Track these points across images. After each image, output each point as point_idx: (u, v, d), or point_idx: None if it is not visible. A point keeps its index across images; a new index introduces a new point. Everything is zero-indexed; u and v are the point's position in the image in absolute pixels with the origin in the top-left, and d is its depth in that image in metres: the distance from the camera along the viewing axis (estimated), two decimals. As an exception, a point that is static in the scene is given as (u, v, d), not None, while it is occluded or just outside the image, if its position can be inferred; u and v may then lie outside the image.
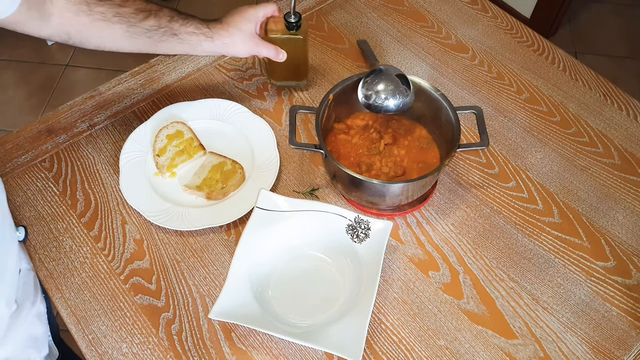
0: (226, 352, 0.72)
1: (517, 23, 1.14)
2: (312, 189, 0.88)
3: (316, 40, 1.09)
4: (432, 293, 0.78)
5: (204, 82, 1.02)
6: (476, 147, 0.81)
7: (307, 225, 0.79)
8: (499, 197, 0.88)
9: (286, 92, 1.01)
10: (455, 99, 1.00)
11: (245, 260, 0.75)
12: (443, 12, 1.16)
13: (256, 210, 0.79)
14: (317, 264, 0.79)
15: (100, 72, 2.28)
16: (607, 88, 1.02)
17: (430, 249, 0.82)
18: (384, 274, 0.79)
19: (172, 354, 0.72)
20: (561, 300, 0.77)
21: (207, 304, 0.76)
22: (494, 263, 0.81)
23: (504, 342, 0.74)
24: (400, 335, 0.74)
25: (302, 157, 0.92)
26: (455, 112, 0.81)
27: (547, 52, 1.08)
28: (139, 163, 0.88)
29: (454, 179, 0.90)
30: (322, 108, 0.82)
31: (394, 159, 0.86)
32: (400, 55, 1.08)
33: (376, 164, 0.85)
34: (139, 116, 0.97)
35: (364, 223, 0.78)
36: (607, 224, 0.85)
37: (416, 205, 0.85)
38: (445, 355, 0.72)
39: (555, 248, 0.82)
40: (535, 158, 0.93)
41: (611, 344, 0.74)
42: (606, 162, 0.92)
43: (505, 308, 0.76)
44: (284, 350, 0.72)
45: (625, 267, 0.81)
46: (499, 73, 1.05)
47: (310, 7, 1.16)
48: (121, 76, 1.03)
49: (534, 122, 0.97)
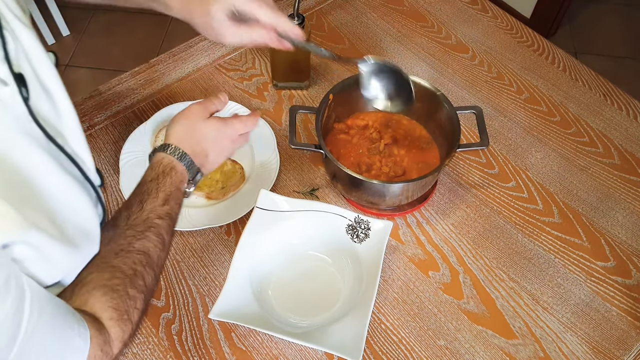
0: (226, 352, 0.72)
1: (517, 23, 1.14)
2: (312, 189, 0.88)
3: (316, 40, 1.09)
4: (432, 293, 0.78)
5: (204, 82, 1.02)
6: (476, 147, 0.81)
7: (307, 225, 0.79)
8: (499, 197, 0.88)
9: (286, 92, 1.01)
10: (455, 99, 1.00)
11: (245, 260, 0.75)
12: (443, 12, 1.16)
13: (256, 210, 0.79)
14: (317, 264, 0.79)
15: (100, 72, 2.28)
16: (607, 88, 1.02)
17: (430, 249, 0.82)
18: (384, 274, 0.79)
19: (172, 354, 0.72)
20: (561, 300, 0.77)
21: (207, 304, 0.76)
22: (494, 263, 0.81)
23: (504, 342, 0.74)
24: (400, 335, 0.74)
25: (302, 157, 0.92)
26: (455, 112, 0.81)
27: (547, 52, 1.08)
28: (139, 163, 0.88)
29: (454, 179, 0.90)
30: (322, 108, 0.82)
31: (394, 159, 0.86)
32: (400, 55, 1.08)
33: (376, 164, 0.85)
34: (139, 116, 0.97)
35: (364, 223, 0.78)
36: (607, 224, 0.85)
37: (416, 205, 0.85)
38: (445, 355, 0.72)
39: (555, 248, 0.82)
40: (535, 158, 0.93)
41: (611, 344, 0.74)
42: (606, 162, 0.92)
43: (505, 308, 0.76)
44: (284, 350, 0.72)
45: (625, 267, 0.81)
46: (499, 73, 1.05)
47: (310, 7, 1.16)
48: (121, 76, 1.03)
49: (534, 122, 0.97)
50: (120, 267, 0.58)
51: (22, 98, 0.48)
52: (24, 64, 0.51)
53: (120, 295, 0.56)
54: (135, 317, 0.57)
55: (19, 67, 0.50)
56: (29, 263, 0.46)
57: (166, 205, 0.65)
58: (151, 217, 0.64)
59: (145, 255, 0.60)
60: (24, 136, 0.48)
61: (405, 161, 0.86)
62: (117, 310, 0.55)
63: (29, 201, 0.47)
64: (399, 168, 0.84)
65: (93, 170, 0.63)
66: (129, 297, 0.57)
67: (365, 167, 0.84)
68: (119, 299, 0.55)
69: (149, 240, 0.62)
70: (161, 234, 0.63)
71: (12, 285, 0.40)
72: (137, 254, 0.60)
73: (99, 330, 0.52)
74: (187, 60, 1.05)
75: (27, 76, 0.50)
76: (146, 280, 0.60)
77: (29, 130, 0.49)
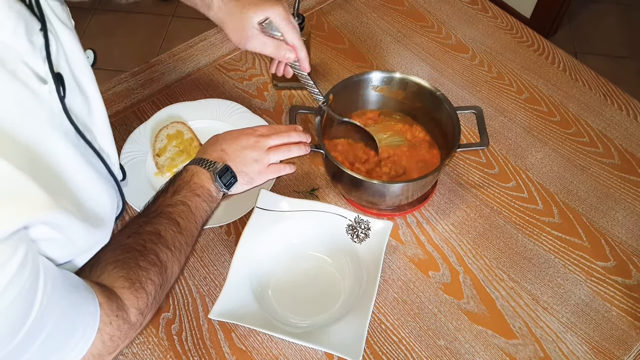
0: (226, 352, 0.72)
1: (517, 23, 1.14)
2: (312, 189, 0.88)
3: (316, 40, 1.09)
4: (432, 293, 0.78)
5: (204, 82, 1.02)
6: (476, 147, 0.81)
7: (307, 225, 0.79)
8: (499, 197, 0.88)
9: (286, 92, 1.01)
10: (455, 99, 1.00)
11: (245, 260, 0.75)
12: (443, 12, 1.16)
13: (256, 210, 0.79)
14: (317, 264, 0.79)
15: (100, 72, 2.27)
16: (607, 88, 1.02)
17: (430, 249, 0.82)
18: (384, 274, 0.79)
19: (172, 354, 0.72)
20: (561, 300, 0.77)
21: (207, 304, 0.76)
22: (494, 263, 0.81)
23: (504, 342, 0.74)
24: (400, 335, 0.74)
25: (302, 157, 0.92)
26: (455, 112, 0.81)
27: (547, 52, 1.08)
28: (139, 163, 0.88)
29: (454, 179, 0.90)
30: (322, 108, 0.82)
31: (394, 158, 0.86)
32: (400, 55, 1.08)
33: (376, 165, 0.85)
34: (139, 116, 0.97)
35: (364, 223, 0.78)
36: (607, 224, 0.85)
37: (416, 205, 0.85)
38: (445, 355, 0.72)
39: (555, 248, 0.82)
40: (535, 158, 0.93)
41: (611, 344, 0.74)
42: (606, 162, 0.92)
43: (505, 308, 0.76)
44: (284, 350, 0.72)
45: (625, 267, 0.81)
46: (499, 73, 1.05)
47: (310, 7, 1.16)
48: (121, 76, 1.03)
49: (534, 122, 0.97)
50: (131, 244, 0.62)
51: (58, 96, 0.52)
52: (63, 64, 0.55)
53: (131, 267, 0.60)
54: (149, 287, 0.60)
55: (59, 67, 0.54)
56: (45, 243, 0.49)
57: (176, 195, 0.69)
58: (162, 206, 0.68)
59: (156, 235, 0.64)
60: (57, 130, 0.52)
61: (405, 161, 0.85)
62: (127, 279, 0.58)
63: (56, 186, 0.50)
64: (399, 168, 0.84)
65: (117, 165, 0.68)
66: (140, 267, 0.60)
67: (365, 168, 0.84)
68: (129, 269, 0.59)
69: (160, 224, 0.65)
70: (173, 219, 0.67)
71: (30, 261, 0.43)
72: (147, 235, 0.64)
73: (109, 297, 0.55)
74: (187, 60, 1.05)
75: (65, 76, 0.54)
76: (160, 256, 0.63)
77: (61, 125, 0.53)
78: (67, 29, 0.57)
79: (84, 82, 0.60)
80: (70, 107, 0.55)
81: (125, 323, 0.56)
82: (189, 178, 0.71)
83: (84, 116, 0.59)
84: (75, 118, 0.56)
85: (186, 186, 0.70)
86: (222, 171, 0.72)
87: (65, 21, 0.57)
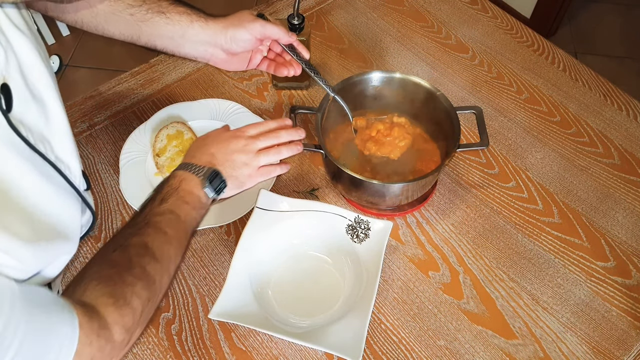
0: (226, 352, 0.72)
1: (517, 23, 1.14)
2: (312, 189, 0.88)
3: (316, 40, 1.09)
4: (432, 293, 0.78)
5: (204, 82, 1.02)
6: (476, 147, 0.81)
7: (307, 225, 0.79)
8: (499, 197, 0.88)
9: (286, 92, 1.01)
10: (455, 99, 1.00)
11: (245, 261, 0.75)
12: (443, 12, 1.16)
13: (256, 210, 0.79)
14: (317, 264, 0.79)
15: (100, 72, 2.28)
16: (607, 88, 1.02)
17: (430, 249, 0.82)
18: (384, 274, 0.79)
19: (172, 354, 0.72)
20: (561, 300, 0.77)
21: (207, 304, 0.76)
22: (494, 263, 0.81)
23: (504, 342, 0.74)
24: (400, 336, 0.74)
25: (302, 157, 0.92)
26: (455, 112, 0.81)
27: (547, 52, 1.08)
28: (139, 163, 0.88)
29: (454, 179, 0.90)
30: (322, 108, 0.82)
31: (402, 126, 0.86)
32: (400, 55, 1.08)
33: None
34: (139, 116, 0.97)
35: (364, 223, 0.78)
36: (607, 224, 0.85)
37: (416, 205, 0.85)
38: (445, 355, 0.72)
39: (555, 248, 0.82)
40: (535, 158, 0.93)
41: (611, 344, 0.74)
42: (606, 162, 0.92)
43: (505, 308, 0.76)
44: (284, 350, 0.72)
45: (625, 267, 0.81)
46: (499, 73, 1.05)
47: (310, 7, 1.16)
48: (121, 76, 1.03)
49: (534, 122, 0.97)
50: (117, 259, 0.59)
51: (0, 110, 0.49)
52: (14, 74, 0.52)
53: (115, 282, 0.57)
54: (135, 303, 0.57)
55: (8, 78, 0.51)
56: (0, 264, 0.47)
57: (164, 204, 0.67)
58: (149, 215, 0.65)
59: (143, 248, 0.61)
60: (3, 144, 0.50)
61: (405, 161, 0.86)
62: (111, 295, 0.55)
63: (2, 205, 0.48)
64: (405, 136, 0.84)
65: (78, 175, 0.65)
66: (125, 283, 0.57)
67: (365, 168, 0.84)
68: (113, 285, 0.56)
69: (147, 235, 0.63)
70: (161, 229, 0.64)
71: None
72: (133, 248, 0.61)
73: (90, 317, 0.52)
74: (187, 60, 1.05)
75: (16, 86, 0.51)
76: (147, 269, 0.60)
77: (8, 139, 0.51)
78: (23, 36, 0.54)
79: (42, 90, 0.57)
80: (22, 118, 0.52)
81: (107, 343, 0.53)
82: (177, 184, 0.69)
83: (39, 126, 0.56)
84: (27, 129, 0.53)
85: (174, 193, 0.68)
86: (212, 176, 0.71)
87: (21, 27, 0.54)
